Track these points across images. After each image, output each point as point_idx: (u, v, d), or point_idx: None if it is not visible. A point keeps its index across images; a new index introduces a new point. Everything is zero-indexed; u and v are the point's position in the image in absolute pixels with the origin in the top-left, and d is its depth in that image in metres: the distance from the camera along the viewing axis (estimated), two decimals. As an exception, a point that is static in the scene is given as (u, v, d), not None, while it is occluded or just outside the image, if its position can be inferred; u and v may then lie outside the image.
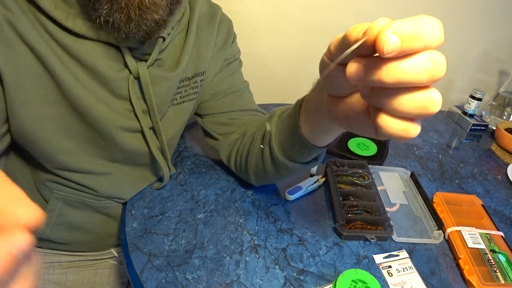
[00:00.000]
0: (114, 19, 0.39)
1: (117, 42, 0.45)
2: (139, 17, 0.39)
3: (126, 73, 0.48)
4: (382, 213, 0.64)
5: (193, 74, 0.58)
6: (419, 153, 0.90)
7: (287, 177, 0.57)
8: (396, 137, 0.23)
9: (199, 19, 0.57)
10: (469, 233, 0.62)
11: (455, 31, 1.10)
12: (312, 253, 0.57)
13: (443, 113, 1.16)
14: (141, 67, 0.48)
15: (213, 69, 0.62)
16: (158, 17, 0.41)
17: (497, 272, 0.56)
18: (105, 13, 0.38)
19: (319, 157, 0.49)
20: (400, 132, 0.23)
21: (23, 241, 0.16)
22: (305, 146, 0.44)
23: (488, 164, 0.90)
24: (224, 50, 0.63)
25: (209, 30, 0.59)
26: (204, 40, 0.58)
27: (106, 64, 0.46)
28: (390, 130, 0.23)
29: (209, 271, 0.52)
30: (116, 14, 0.38)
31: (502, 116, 1.09)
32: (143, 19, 0.39)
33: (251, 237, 0.58)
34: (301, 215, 0.64)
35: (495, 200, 0.75)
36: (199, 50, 0.58)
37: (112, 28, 0.40)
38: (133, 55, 0.48)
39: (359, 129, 0.30)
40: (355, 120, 0.29)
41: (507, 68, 1.18)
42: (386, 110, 0.23)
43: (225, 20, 0.63)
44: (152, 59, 0.49)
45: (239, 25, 0.69)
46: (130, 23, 0.39)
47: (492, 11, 1.09)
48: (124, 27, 0.40)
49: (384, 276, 0.54)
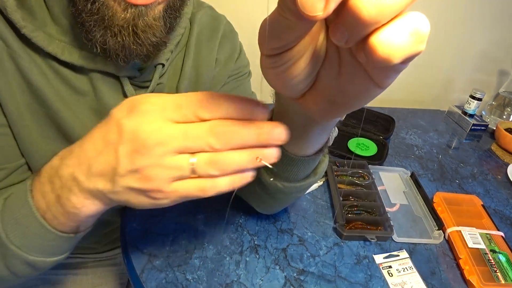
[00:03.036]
0: (110, 47, 0.37)
1: (116, 71, 0.44)
2: (135, 42, 0.37)
3: None
4: (382, 213, 0.64)
5: None
6: (419, 153, 0.90)
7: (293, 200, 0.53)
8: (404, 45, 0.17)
9: (198, 35, 0.53)
10: (469, 233, 0.62)
11: (454, 31, 1.10)
12: (312, 253, 0.57)
13: (443, 113, 1.16)
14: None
15: (214, 89, 0.58)
16: (156, 40, 0.39)
17: (497, 272, 0.56)
18: (100, 42, 0.37)
19: (318, 170, 0.43)
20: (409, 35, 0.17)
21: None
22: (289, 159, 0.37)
23: (488, 164, 0.89)
24: (227, 67, 0.58)
25: (209, 47, 0.55)
26: (203, 60, 0.54)
27: (107, 95, 0.45)
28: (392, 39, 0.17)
29: (209, 271, 0.52)
30: (111, 42, 0.37)
31: (502, 116, 1.09)
32: (139, 44, 0.38)
33: (251, 237, 0.58)
34: (301, 215, 0.64)
35: (495, 200, 0.75)
36: (198, 70, 0.54)
37: (110, 56, 0.38)
38: (132, 83, 0.46)
39: (353, 93, 0.24)
40: (345, 86, 0.24)
41: (507, 68, 1.18)
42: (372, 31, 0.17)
43: (228, 34, 0.58)
44: (152, 87, 0.47)
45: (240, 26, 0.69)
46: (126, 49, 0.38)
47: (492, 11, 1.09)
48: (121, 54, 0.38)
49: (384, 276, 0.54)
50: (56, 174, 0.32)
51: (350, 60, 0.22)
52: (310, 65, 0.23)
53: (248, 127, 0.26)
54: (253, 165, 0.27)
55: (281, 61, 0.22)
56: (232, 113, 0.26)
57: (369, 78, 0.21)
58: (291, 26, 0.19)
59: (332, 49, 0.23)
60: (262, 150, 0.26)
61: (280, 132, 0.26)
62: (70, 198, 0.31)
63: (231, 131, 0.25)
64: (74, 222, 0.35)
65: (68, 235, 0.36)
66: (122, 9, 0.35)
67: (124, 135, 0.27)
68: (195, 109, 0.26)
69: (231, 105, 0.26)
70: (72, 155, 0.31)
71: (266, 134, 0.26)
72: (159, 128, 0.26)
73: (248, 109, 0.26)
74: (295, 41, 0.21)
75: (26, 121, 0.42)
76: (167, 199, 0.28)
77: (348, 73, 0.23)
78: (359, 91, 0.23)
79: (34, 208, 0.34)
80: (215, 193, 0.28)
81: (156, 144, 0.26)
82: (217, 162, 0.26)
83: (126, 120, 0.27)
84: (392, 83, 0.22)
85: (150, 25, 0.37)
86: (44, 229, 0.34)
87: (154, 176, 0.26)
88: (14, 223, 0.35)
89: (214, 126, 0.26)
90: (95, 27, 0.36)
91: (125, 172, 0.27)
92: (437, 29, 1.12)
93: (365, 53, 0.18)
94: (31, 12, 0.39)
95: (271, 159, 0.27)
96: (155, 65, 0.47)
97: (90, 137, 0.30)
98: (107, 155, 0.28)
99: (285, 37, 0.20)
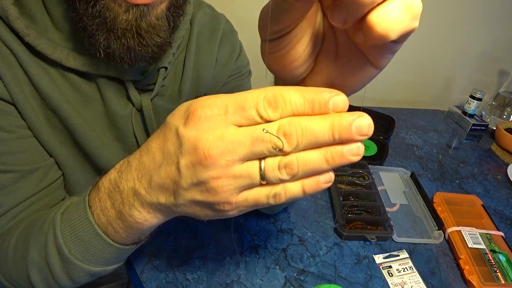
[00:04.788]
0: (114, 50, 0.36)
1: (120, 75, 0.43)
2: (140, 44, 0.36)
3: (130, 106, 0.47)
4: (382, 213, 0.64)
5: (194, 97, 0.55)
6: (419, 153, 0.90)
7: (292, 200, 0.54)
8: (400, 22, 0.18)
9: (198, 35, 0.54)
10: (469, 233, 0.62)
11: (455, 31, 1.10)
12: (312, 253, 0.57)
13: (443, 113, 1.16)
14: (144, 99, 0.46)
15: (215, 89, 0.58)
16: (160, 40, 0.38)
17: (497, 272, 0.56)
18: (103, 46, 0.36)
19: None
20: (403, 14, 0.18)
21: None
22: None
23: (488, 164, 0.90)
24: (228, 66, 0.58)
25: (209, 47, 0.55)
26: (204, 60, 0.54)
27: (113, 100, 0.45)
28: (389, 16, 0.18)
29: (209, 271, 0.52)
30: (114, 45, 0.36)
31: (502, 116, 1.09)
32: (144, 45, 0.37)
33: (251, 237, 0.58)
34: (301, 215, 0.64)
35: (495, 200, 0.75)
36: (199, 71, 0.54)
37: (114, 60, 0.38)
38: (136, 87, 0.46)
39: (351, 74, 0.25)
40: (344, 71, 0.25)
41: (507, 68, 1.18)
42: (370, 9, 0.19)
43: (228, 33, 0.58)
44: (156, 90, 0.47)
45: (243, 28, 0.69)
46: (131, 51, 0.37)
47: (492, 11, 1.09)
48: (126, 57, 0.37)
49: (384, 276, 0.54)
50: (116, 189, 0.31)
51: (347, 43, 0.23)
52: (308, 48, 0.24)
53: (324, 121, 0.22)
54: (331, 165, 0.23)
55: (281, 44, 0.24)
56: (304, 108, 0.23)
57: (366, 59, 0.23)
58: (289, 9, 0.20)
59: (329, 33, 0.24)
60: (342, 147, 0.23)
61: (365, 124, 0.22)
62: (132, 213, 0.30)
63: (304, 129, 0.22)
64: (136, 235, 0.34)
65: (130, 247, 0.36)
66: (124, 10, 0.34)
67: (184, 146, 0.24)
68: (260, 109, 0.23)
69: (299, 99, 0.22)
70: (131, 168, 0.30)
71: (346, 129, 0.22)
72: (221, 135, 0.23)
73: (323, 99, 0.22)
74: (292, 24, 0.22)
75: (43, 127, 0.42)
76: (235, 209, 0.26)
77: (345, 55, 0.24)
78: (357, 72, 0.24)
79: (95, 225, 0.33)
80: (288, 200, 0.25)
81: (221, 154, 0.23)
82: (289, 165, 0.23)
83: (185, 129, 0.24)
84: (388, 63, 0.23)
85: (153, 25, 0.36)
86: (106, 244, 0.34)
87: (220, 188, 0.24)
88: (75, 239, 0.34)
89: (284, 126, 0.22)
90: (97, 31, 0.35)
91: (188, 186, 0.25)
92: (437, 29, 1.13)
93: (363, 32, 0.19)
94: (32, 19, 0.38)
95: (355, 156, 0.23)
96: (158, 69, 0.47)
97: (148, 148, 0.28)
98: (167, 167, 0.26)
99: (283, 20, 0.21)
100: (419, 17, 0.19)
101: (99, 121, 0.45)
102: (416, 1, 0.19)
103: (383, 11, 0.18)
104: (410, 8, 0.18)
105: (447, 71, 1.21)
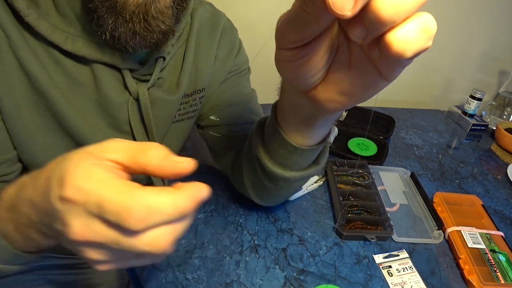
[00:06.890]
0: (120, 34, 0.38)
1: (119, 63, 0.44)
2: (145, 29, 0.38)
3: (127, 95, 0.47)
4: (382, 213, 0.64)
5: (192, 91, 0.56)
6: (419, 153, 0.90)
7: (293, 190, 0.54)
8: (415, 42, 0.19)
9: (198, 31, 0.54)
10: (469, 233, 0.62)
11: (455, 31, 1.10)
12: (312, 253, 0.57)
13: (443, 113, 1.16)
14: (141, 88, 0.47)
15: (214, 85, 0.58)
16: (165, 28, 0.39)
17: (497, 272, 0.56)
18: (111, 28, 0.37)
19: (320, 161, 0.46)
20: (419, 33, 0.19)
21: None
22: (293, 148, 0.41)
23: (488, 164, 0.90)
24: (227, 63, 0.59)
25: (209, 44, 0.56)
26: (203, 56, 0.55)
27: (108, 86, 0.45)
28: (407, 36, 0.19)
29: (209, 271, 0.52)
30: (121, 28, 0.37)
31: (502, 116, 1.09)
32: (150, 31, 0.38)
33: (251, 237, 0.58)
34: (301, 215, 0.64)
35: (495, 200, 0.75)
36: (198, 66, 0.55)
37: (119, 43, 0.39)
38: (133, 76, 0.47)
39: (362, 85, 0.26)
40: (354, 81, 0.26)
41: (507, 68, 1.18)
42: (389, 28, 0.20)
43: (228, 30, 0.59)
44: (153, 80, 0.48)
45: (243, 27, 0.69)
46: (136, 36, 0.38)
47: (492, 11, 1.09)
48: (131, 41, 0.38)
49: (384, 276, 0.54)
50: (14, 209, 0.30)
51: (360, 55, 0.24)
52: (324, 59, 0.26)
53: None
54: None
55: (300, 54, 0.25)
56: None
57: (378, 71, 0.24)
58: (312, 21, 0.21)
59: (344, 45, 0.25)
60: None
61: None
62: (29, 234, 0.30)
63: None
64: (36, 248, 0.34)
65: (32, 254, 0.35)
66: None
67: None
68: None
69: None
70: (27, 190, 0.29)
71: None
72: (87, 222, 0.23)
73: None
74: (313, 35, 0.23)
75: (23, 113, 0.42)
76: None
77: (358, 66, 0.25)
78: (368, 83, 0.25)
79: None
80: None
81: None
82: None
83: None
84: (398, 76, 0.24)
85: (161, 11, 0.38)
86: (6, 250, 0.33)
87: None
88: None
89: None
90: (106, 13, 0.36)
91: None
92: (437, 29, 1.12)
93: (379, 48, 0.21)
94: (34, 1, 0.39)
95: None
96: (156, 59, 0.48)
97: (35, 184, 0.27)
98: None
99: (305, 31, 0.23)
100: (433, 37, 0.20)
101: (90, 108, 0.45)
102: (432, 23, 0.20)
103: (401, 30, 0.19)
104: (426, 29, 0.19)
105: (447, 71, 1.21)
